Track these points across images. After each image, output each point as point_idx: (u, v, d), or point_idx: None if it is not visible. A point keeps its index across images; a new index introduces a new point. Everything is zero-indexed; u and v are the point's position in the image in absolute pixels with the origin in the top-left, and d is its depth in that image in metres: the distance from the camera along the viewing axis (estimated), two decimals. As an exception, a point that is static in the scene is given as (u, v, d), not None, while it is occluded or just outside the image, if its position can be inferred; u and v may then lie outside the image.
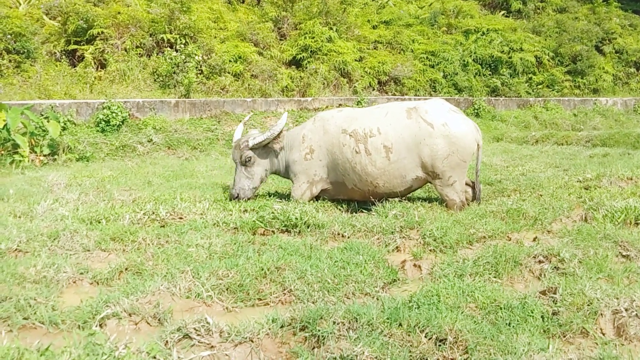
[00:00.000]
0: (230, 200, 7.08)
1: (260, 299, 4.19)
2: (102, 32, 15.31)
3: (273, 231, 5.96)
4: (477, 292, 4.07)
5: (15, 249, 5.06)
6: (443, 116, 6.56)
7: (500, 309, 3.83)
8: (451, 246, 5.39)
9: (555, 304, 3.92)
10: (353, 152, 6.70)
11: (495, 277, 4.60)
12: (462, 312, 3.74)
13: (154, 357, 3.19)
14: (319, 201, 7.10)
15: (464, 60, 20.92)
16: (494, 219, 6.18)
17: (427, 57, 20.43)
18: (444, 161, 6.49)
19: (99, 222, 5.93)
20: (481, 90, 20.56)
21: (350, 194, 7.08)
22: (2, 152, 10.36)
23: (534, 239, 5.57)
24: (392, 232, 5.79)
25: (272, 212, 6.16)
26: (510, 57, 21.69)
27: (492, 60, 21.37)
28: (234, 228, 5.99)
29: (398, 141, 6.58)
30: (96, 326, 3.62)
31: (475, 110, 18.62)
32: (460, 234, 5.62)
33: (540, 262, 4.83)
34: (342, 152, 6.78)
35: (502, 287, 4.34)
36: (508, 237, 5.69)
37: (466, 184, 7.01)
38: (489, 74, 21.42)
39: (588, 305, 3.83)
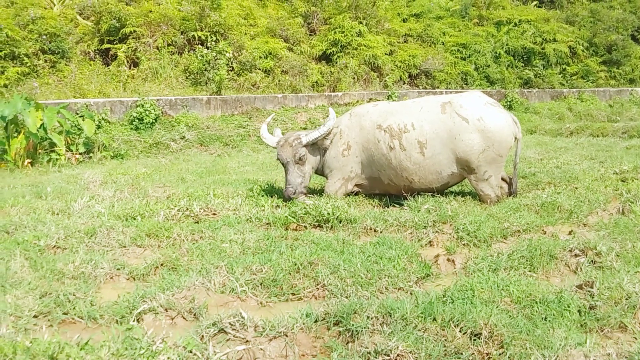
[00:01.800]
0: (286, 201, 6.82)
1: (294, 294, 4.21)
2: (135, 31, 15.51)
3: (305, 226, 5.98)
4: (512, 286, 4.03)
5: (54, 246, 5.17)
6: (478, 110, 6.44)
7: (536, 303, 3.79)
8: (485, 240, 5.35)
9: (593, 298, 3.86)
10: (388, 148, 6.66)
11: (530, 271, 4.55)
12: (497, 307, 3.71)
13: (191, 352, 3.23)
14: (351, 196, 7.09)
15: (496, 52, 20.69)
16: (529, 213, 6.11)
17: (458, 50, 20.26)
18: (480, 156, 6.39)
19: (134, 219, 6.02)
20: (514, 82, 20.31)
21: (386, 188, 7.05)
22: (40, 150, 10.58)
23: (570, 233, 5.49)
24: (425, 227, 5.76)
25: (304, 208, 6.18)
26: (543, 48, 21.38)
27: (524, 52, 21.10)
28: (267, 223, 6.03)
29: (432, 137, 6.50)
30: (134, 321, 3.68)
31: (508, 103, 18.39)
32: (494, 228, 5.56)
33: (576, 255, 4.77)
34: (378, 147, 6.75)
35: (538, 281, 4.29)
36: (543, 230, 5.62)
37: (502, 179, 6.92)
38: (522, 66, 21.14)
39: (626, 299, 3.77)
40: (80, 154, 10.91)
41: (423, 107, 6.72)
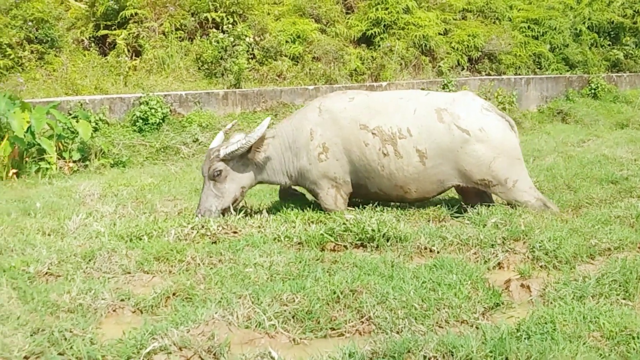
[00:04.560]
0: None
1: (333, 329, 4.22)
2: (136, 14, 15.68)
3: (345, 246, 5.99)
4: (602, 317, 3.98)
5: (46, 273, 5.26)
6: (478, 120, 6.74)
7: (633, 338, 3.75)
8: (567, 261, 5.30)
9: None
10: (380, 154, 6.79)
11: (624, 299, 4.49)
12: (583, 343, 3.67)
13: (211, 399, 3.27)
14: (400, 209, 7.07)
15: (575, 29, 20.42)
16: (621, 226, 6.03)
17: (528, 27, 20.03)
18: (491, 165, 6.63)
19: (140, 239, 6.09)
20: (599, 65, 20.04)
21: (373, 197, 7.23)
22: (27, 159, 10.70)
23: (674, 251, 5.41)
24: (493, 245, 5.73)
25: (344, 223, 6.19)
26: (635, 22, 21.05)
27: (612, 28, 20.80)
28: (299, 243, 6.06)
29: (432, 147, 6.72)
30: (142, 362, 3.73)
31: (592, 91, 18.17)
32: (579, 246, 5.51)
33: (682, 279, 4.69)
34: (364, 152, 6.84)
35: (634, 312, 4.23)
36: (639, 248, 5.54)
37: None
38: (609, 45, 20.85)
39: None
40: (74, 161, 11.05)
41: (416, 109, 6.87)
